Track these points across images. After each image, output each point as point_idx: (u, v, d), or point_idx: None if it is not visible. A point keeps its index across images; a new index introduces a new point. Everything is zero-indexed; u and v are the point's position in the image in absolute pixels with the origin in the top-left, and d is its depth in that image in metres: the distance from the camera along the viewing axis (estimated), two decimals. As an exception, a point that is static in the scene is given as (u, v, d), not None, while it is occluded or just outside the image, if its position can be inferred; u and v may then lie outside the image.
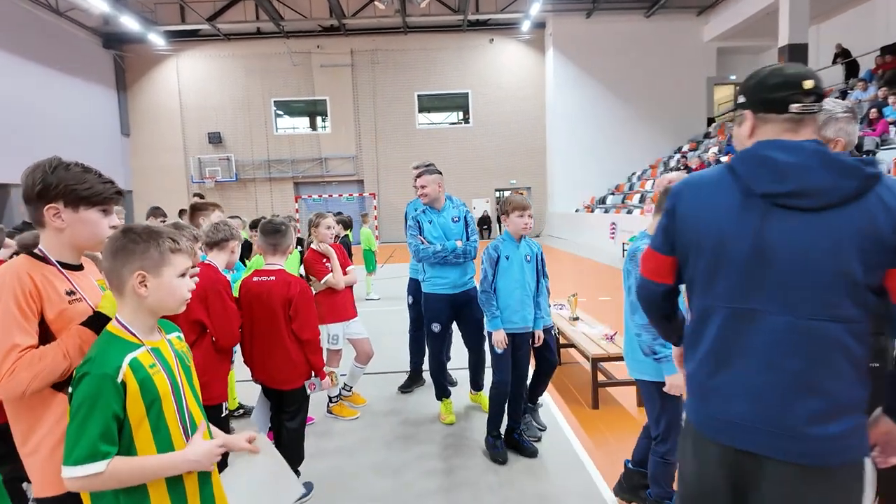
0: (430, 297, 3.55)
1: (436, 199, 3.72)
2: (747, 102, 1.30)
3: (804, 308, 1.15)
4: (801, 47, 14.45)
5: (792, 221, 1.15)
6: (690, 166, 14.60)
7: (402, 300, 7.82)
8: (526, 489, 2.78)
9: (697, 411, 1.32)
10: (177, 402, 1.33)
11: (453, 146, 19.96)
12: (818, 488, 1.15)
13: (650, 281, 1.44)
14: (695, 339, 1.33)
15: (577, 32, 18.92)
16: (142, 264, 1.29)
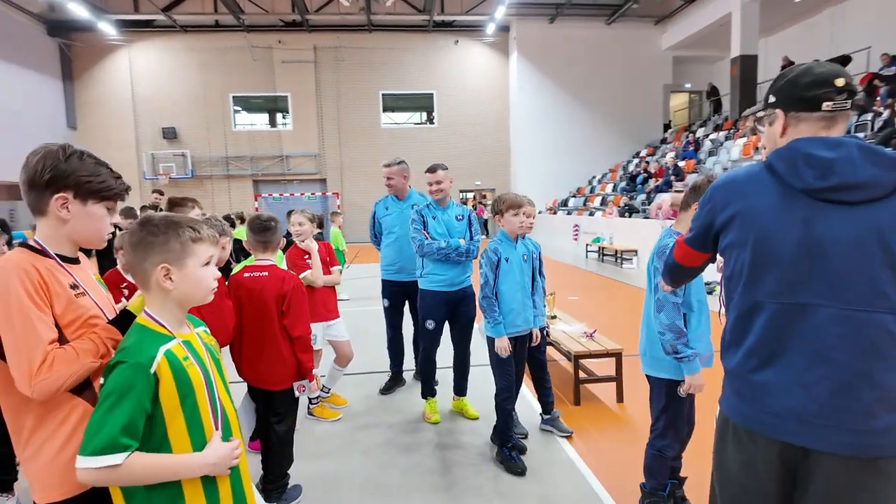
0: (427, 293, 3.52)
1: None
2: (778, 102, 1.31)
3: (854, 300, 1.17)
4: (751, 58, 15.23)
5: (838, 215, 1.18)
6: (650, 171, 15.08)
7: (372, 300, 7.76)
8: (519, 489, 2.78)
9: (742, 407, 1.31)
10: (210, 396, 1.30)
11: (418, 147, 19.89)
12: (871, 481, 1.17)
13: (682, 265, 1.54)
14: (738, 335, 1.33)
15: (540, 37, 19.23)
16: (164, 257, 1.26)
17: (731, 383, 1.35)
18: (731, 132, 14.65)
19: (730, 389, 1.36)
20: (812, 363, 1.20)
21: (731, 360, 1.35)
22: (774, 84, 1.34)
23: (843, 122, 1.26)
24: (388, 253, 4.10)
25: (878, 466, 1.16)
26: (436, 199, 3.58)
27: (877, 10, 13.64)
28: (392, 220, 4.08)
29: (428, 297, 3.52)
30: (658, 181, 13.77)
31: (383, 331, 4.26)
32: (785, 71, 1.33)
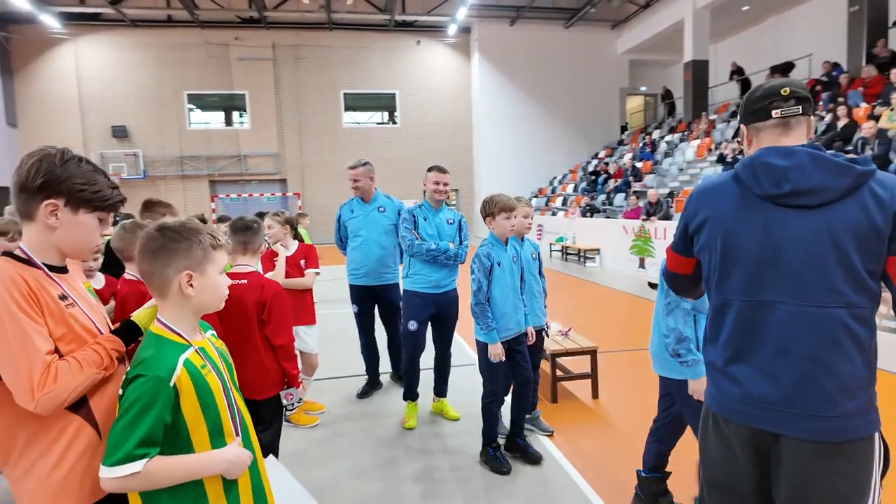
0: (411, 294, 3.50)
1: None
2: (742, 119, 1.46)
3: (811, 296, 1.26)
4: (702, 63, 15.85)
5: (794, 219, 1.28)
6: (610, 171, 15.48)
7: (340, 302, 7.65)
8: (505, 488, 2.81)
9: (718, 397, 1.41)
10: (228, 402, 1.30)
11: (381, 146, 19.76)
12: (833, 463, 1.26)
13: (675, 273, 1.62)
14: (714, 331, 1.44)
15: (501, 39, 19.43)
16: (187, 263, 1.27)
17: (711, 375, 1.46)
18: (685, 134, 15.21)
19: (710, 381, 1.47)
20: (776, 355, 1.30)
21: (709, 353, 1.47)
22: (740, 106, 1.48)
23: (800, 127, 1.36)
24: (355, 257, 4.01)
25: (841, 449, 1.26)
26: (438, 199, 3.54)
27: (817, 20, 14.46)
28: (358, 223, 4.00)
29: (412, 297, 3.49)
30: (617, 181, 14.16)
31: (355, 333, 4.21)
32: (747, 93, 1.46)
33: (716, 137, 13.23)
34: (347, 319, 6.22)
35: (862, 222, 1.23)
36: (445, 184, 3.51)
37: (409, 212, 3.52)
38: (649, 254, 9.56)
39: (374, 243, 3.93)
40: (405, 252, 3.51)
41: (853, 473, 1.27)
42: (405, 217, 3.51)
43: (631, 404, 3.85)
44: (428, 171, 3.56)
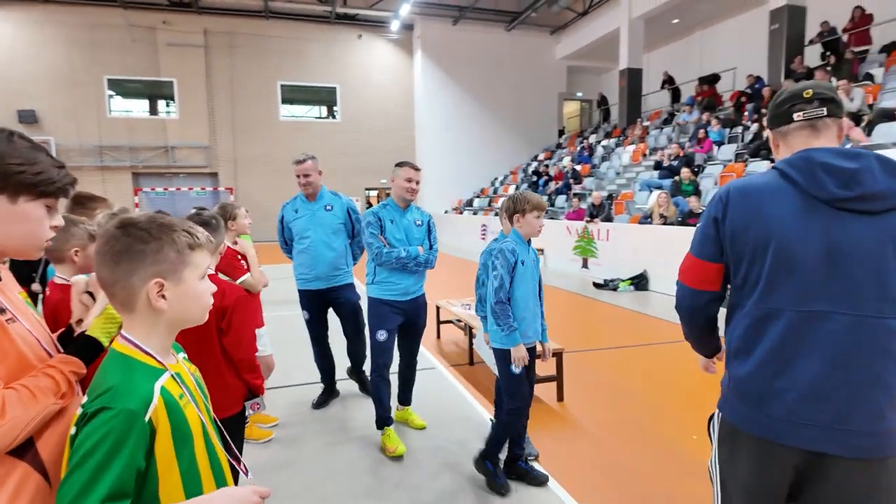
0: (378, 302, 3.21)
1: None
2: (768, 125, 1.42)
3: (869, 307, 1.20)
4: (636, 71, 16.55)
5: (857, 225, 1.21)
6: (550, 174, 15.82)
7: (285, 304, 7.29)
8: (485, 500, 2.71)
9: (755, 416, 1.31)
10: (206, 440, 1.06)
11: (320, 141, 19.17)
12: (878, 480, 1.23)
13: (695, 290, 1.44)
14: (750, 343, 1.33)
15: (444, 38, 19.41)
16: (158, 269, 1.01)
17: (741, 390, 1.34)
18: (620, 139, 15.82)
19: (738, 398, 1.35)
20: (828, 369, 1.22)
21: (741, 367, 1.34)
22: (767, 110, 1.43)
23: (829, 130, 1.32)
24: (303, 260, 3.71)
25: (887, 465, 1.23)
26: (408, 199, 3.20)
27: (740, 36, 15.47)
28: (304, 223, 3.71)
29: (380, 306, 3.20)
30: (558, 184, 14.49)
31: (306, 337, 3.95)
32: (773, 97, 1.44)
33: (650, 143, 13.84)
34: (293, 322, 5.94)
35: None
36: (417, 182, 3.19)
37: (373, 214, 3.17)
38: (592, 254, 9.81)
39: (323, 245, 3.66)
40: (372, 261, 3.18)
41: (892, 489, 1.24)
42: (370, 221, 3.15)
43: (595, 406, 3.85)
44: (397, 166, 3.23)
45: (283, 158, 18.78)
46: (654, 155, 12.56)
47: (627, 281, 8.47)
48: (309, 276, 3.72)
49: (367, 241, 3.16)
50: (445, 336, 5.81)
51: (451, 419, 3.64)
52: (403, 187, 3.17)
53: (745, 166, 9.01)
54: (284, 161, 18.83)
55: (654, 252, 8.24)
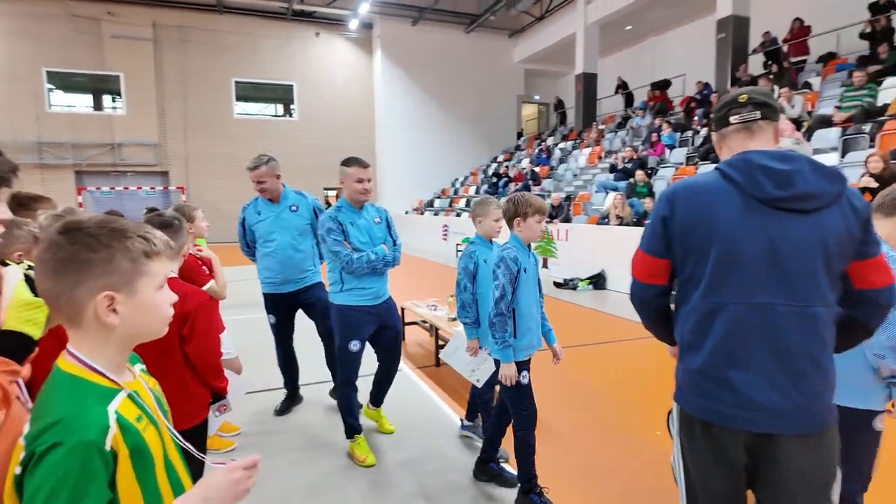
0: (349, 309, 3.03)
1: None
2: (711, 127, 1.50)
3: (803, 297, 1.31)
4: (592, 76, 16.96)
5: (792, 223, 1.31)
6: (510, 175, 16.01)
7: (244, 307, 7.08)
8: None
9: (707, 405, 1.40)
10: (166, 461, 0.97)
11: (277, 140, 18.76)
12: (819, 452, 1.34)
13: (644, 283, 1.54)
14: (698, 337, 1.41)
15: (403, 38, 19.34)
16: (107, 281, 0.89)
17: (695, 382, 1.42)
18: (577, 142, 16.18)
19: (692, 389, 1.43)
20: (774, 357, 1.32)
21: (694, 360, 1.42)
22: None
23: (764, 133, 1.41)
24: (269, 264, 3.57)
25: (822, 437, 1.34)
26: (360, 200, 3.04)
27: (689, 43, 16.10)
28: (268, 226, 3.56)
29: (352, 314, 3.03)
30: (518, 185, 14.68)
31: (267, 341, 3.84)
32: None
33: (605, 146, 14.22)
34: (251, 326, 5.79)
35: (842, 228, 1.31)
36: (369, 180, 3.02)
37: (332, 220, 2.96)
38: (552, 254, 9.99)
39: (290, 248, 3.53)
40: (342, 270, 2.99)
41: (830, 457, 1.36)
42: (330, 227, 2.94)
43: (562, 404, 3.92)
44: (345, 165, 3.01)
45: (238, 157, 18.26)
46: (609, 158, 12.91)
47: (586, 280, 8.67)
48: (276, 280, 3.58)
49: (333, 251, 2.95)
50: (410, 338, 5.79)
51: (419, 422, 3.63)
52: (356, 189, 2.99)
53: (696, 169, 9.39)
54: (239, 160, 18.30)
55: (611, 252, 8.47)
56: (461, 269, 2.92)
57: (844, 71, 9.40)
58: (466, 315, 2.91)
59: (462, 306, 2.92)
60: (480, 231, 2.96)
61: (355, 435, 3.13)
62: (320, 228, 3.04)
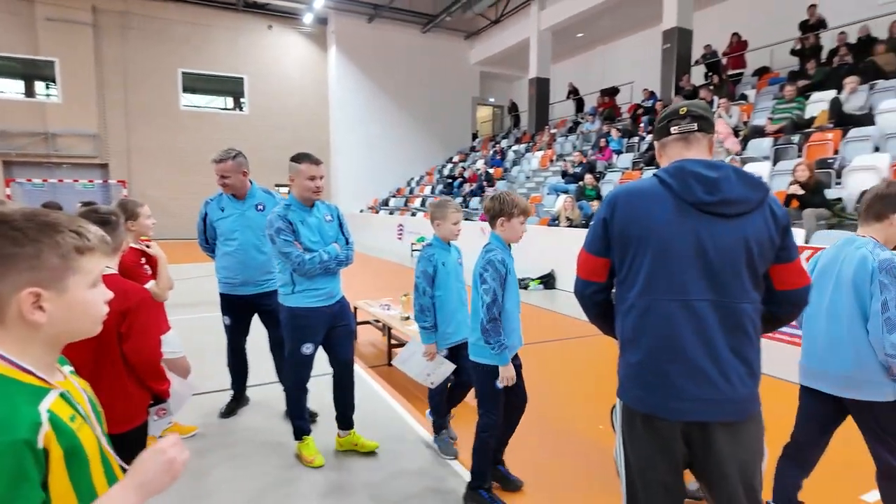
0: (302, 312, 2.90)
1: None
2: (655, 137, 1.62)
3: (729, 294, 1.42)
4: (545, 81, 17.33)
5: (718, 226, 1.42)
6: (465, 176, 16.14)
7: (189, 306, 6.85)
8: (400, 495, 2.73)
9: (646, 397, 1.48)
10: (103, 461, 0.94)
11: (227, 134, 18.19)
12: (746, 437, 1.46)
13: (585, 280, 1.63)
14: (636, 333, 1.50)
15: (359, 35, 19.17)
16: (34, 277, 0.86)
17: (637, 376, 1.50)
18: (530, 145, 16.50)
19: (633, 383, 1.52)
20: (704, 350, 1.42)
21: (635, 354, 1.51)
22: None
23: (699, 144, 1.54)
24: (229, 263, 3.43)
25: (746, 423, 1.46)
26: (311, 199, 2.91)
27: (637, 53, 16.72)
28: (231, 223, 3.40)
29: (304, 316, 2.90)
30: (472, 185, 14.84)
31: (215, 341, 3.72)
32: None
33: (557, 150, 14.58)
34: (191, 325, 5.61)
35: (764, 233, 1.43)
36: (321, 177, 2.90)
37: (281, 219, 2.80)
38: (505, 255, 10.16)
39: (253, 248, 3.39)
40: (294, 272, 2.85)
41: (757, 442, 1.49)
42: (280, 227, 2.78)
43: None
44: (296, 161, 2.87)
45: (185, 150, 17.61)
46: (560, 161, 13.25)
47: (537, 280, 8.88)
48: (236, 281, 3.43)
49: (283, 252, 2.79)
50: (363, 337, 5.77)
51: (371, 421, 3.60)
52: (307, 187, 2.85)
53: (641, 174, 9.77)
54: (186, 153, 17.66)
55: (561, 253, 8.70)
56: (419, 273, 2.88)
57: (776, 85, 10.00)
58: (425, 319, 2.87)
59: (421, 310, 2.88)
60: (439, 234, 2.94)
61: (304, 436, 3.06)
62: (268, 228, 2.85)
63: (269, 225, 2.84)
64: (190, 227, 21.59)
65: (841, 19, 10.49)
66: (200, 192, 19.49)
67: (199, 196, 17.40)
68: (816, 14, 10.81)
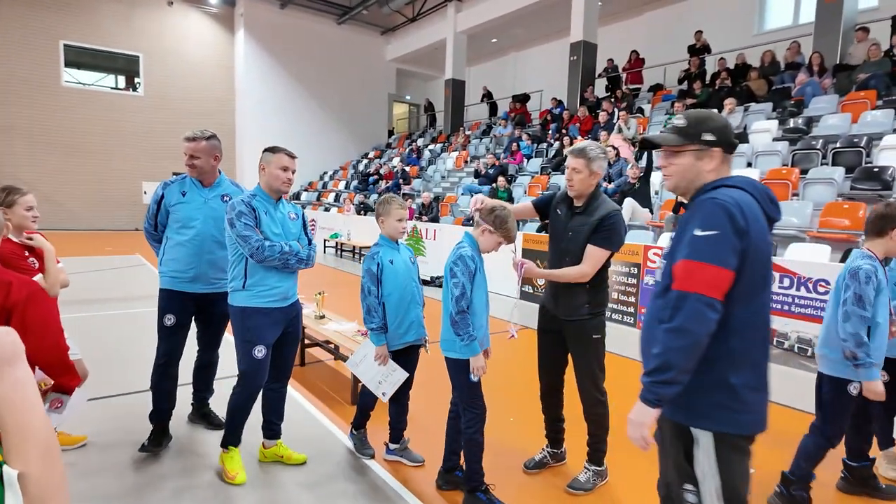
0: (254, 312, 2.72)
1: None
2: (719, 141, 1.53)
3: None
4: (460, 83, 17.67)
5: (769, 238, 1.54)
6: (381, 173, 16.05)
7: (93, 303, 6.23)
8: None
9: (762, 414, 1.50)
10: None
11: (117, 115, 16.68)
12: None
13: (715, 301, 1.43)
14: (748, 350, 1.48)
15: (270, 21, 18.37)
16: None
17: (756, 400, 1.49)
18: (445, 145, 16.75)
19: (748, 406, 1.47)
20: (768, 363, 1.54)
21: (744, 374, 1.47)
22: (710, 125, 1.54)
23: None
24: (180, 255, 3.01)
25: None
26: (281, 190, 2.78)
27: (546, 62, 17.55)
28: (191, 210, 3.02)
29: (257, 316, 2.72)
30: (388, 183, 14.79)
31: (110, 340, 3.37)
32: (710, 114, 1.58)
33: (471, 151, 14.93)
34: (93, 323, 5.12)
35: None
36: (294, 171, 2.81)
37: (244, 203, 2.68)
38: (420, 253, 10.26)
39: (212, 240, 3.03)
40: (249, 256, 2.67)
41: None
42: (242, 211, 2.65)
43: (435, 396, 4.06)
44: (269, 152, 2.78)
45: (66, 130, 15.95)
46: (474, 162, 13.59)
47: (451, 278, 9.06)
48: (186, 276, 3.02)
49: (242, 235, 2.63)
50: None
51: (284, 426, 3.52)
52: (278, 177, 2.74)
53: (549, 179, 10.30)
54: (67, 133, 16.01)
55: (475, 252, 8.95)
56: (364, 272, 2.81)
57: (668, 101, 10.98)
58: (372, 320, 2.80)
59: (368, 311, 2.80)
60: (384, 231, 2.89)
61: (230, 446, 2.83)
62: (229, 212, 2.67)
63: (231, 208, 2.67)
64: (78, 217, 20.01)
65: (722, 46, 11.73)
66: (90, 179, 17.72)
67: (89, 183, 16.13)
68: (702, 40, 11.99)
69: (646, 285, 6.21)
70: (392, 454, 3.08)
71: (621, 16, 15.66)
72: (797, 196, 6.71)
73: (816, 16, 9.72)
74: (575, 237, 2.69)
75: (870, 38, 8.70)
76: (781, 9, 13.05)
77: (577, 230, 2.70)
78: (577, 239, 2.68)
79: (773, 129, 8.39)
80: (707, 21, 12.94)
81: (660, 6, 14.94)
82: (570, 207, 2.78)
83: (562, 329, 2.79)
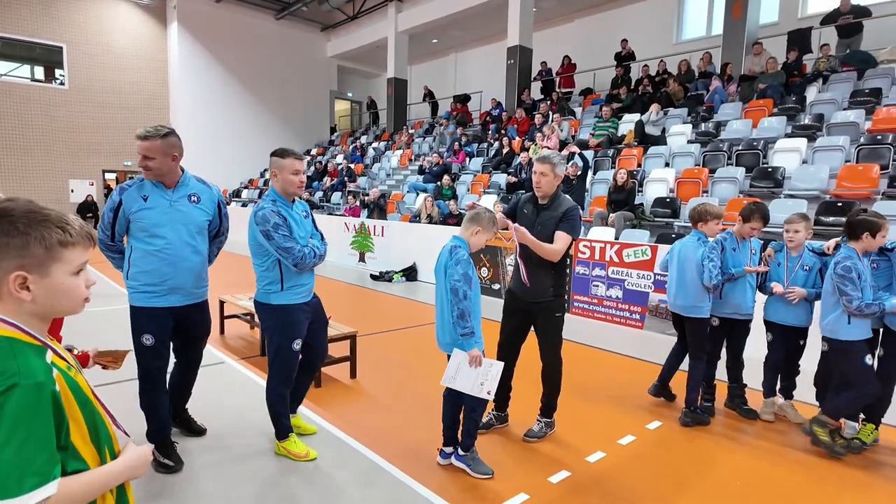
0: (291, 309, 2.93)
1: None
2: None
3: None
4: (402, 82, 17.97)
5: None
6: (326, 170, 16.09)
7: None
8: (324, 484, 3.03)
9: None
10: (101, 403, 1.19)
11: (37, 109, 15.77)
12: None
13: None
14: None
15: (205, 14, 17.93)
16: (21, 263, 1.04)
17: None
18: (389, 143, 17.01)
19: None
20: None
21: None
22: None
23: None
24: (152, 266, 2.76)
25: None
26: (296, 193, 2.94)
27: (486, 64, 18.16)
28: (156, 216, 2.76)
29: (292, 313, 2.93)
30: (333, 180, 14.90)
31: None
32: None
33: (415, 150, 15.29)
34: None
35: None
36: (305, 172, 2.95)
37: (276, 213, 2.77)
38: (369, 249, 10.55)
39: (187, 247, 2.83)
40: (293, 266, 2.81)
41: None
42: (277, 222, 2.74)
43: (383, 379, 4.45)
44: (279, 156, 2.86)
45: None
46: (418, 160, 13.96)
47: (400, 273, 9.43)
48: (160, 290, 2.79)
49: (283, 246, 2.74)
50: (229, 331, 5.76)
51: (263, 410, 3.79)
52: (293, 182, 2.87)
53: (490, 177, 10.86)
54: (-15, 131, 14.98)
55: (421, 247, 9.36)
56: (460, 276, 2.75)
57: (597, 105, 11.81)
58: (465, 326, 2.76)
59: (461, 316, 2.75)
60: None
61: (289, 433, 3.08)
62: (262, 224, 2.74)
63: (265, 221, 2.74)
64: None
65: (646, 53, 12.72)
66: (8, 175, 16.63)
67: (7, 180, 15.24)
68: (627, 47, 12.95)
69: (577, 274, 6.83)
70: (459, 460, 3.00)
71: (554, 21, 16.50)
72: (706, 193, 7.58)
73: (724, 29, 10.82)
74: (543, 230, 3.18)
75: (766, 52, 9.82)
76: (696, 20, 14.28)
77: (544, 223, 3.20)
78: (546, 231, 3.17)
79: (688, 132, 9.34)
80: (632, 29, 13.96)
81: (589, 14, 15.89)
82: (535, 205, 3.29)
83: (529, 309, 3.29)
